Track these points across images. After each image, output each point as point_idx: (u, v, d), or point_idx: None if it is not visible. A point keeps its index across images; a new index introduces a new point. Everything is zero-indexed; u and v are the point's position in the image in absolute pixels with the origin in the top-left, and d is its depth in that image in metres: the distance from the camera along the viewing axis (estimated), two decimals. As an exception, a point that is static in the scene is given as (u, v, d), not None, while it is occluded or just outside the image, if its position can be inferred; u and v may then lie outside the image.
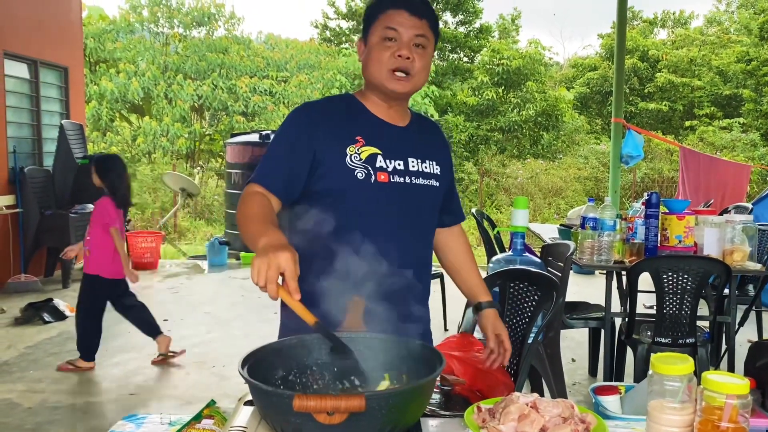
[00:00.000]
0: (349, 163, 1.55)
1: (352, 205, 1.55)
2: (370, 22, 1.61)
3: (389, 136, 1.62)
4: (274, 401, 1.08)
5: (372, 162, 1.57)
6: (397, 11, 1.56)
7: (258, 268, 1.20)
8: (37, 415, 3.48)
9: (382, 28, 1.57)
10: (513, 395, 1.29)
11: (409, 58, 1.56)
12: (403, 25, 1.56)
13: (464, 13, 17.32)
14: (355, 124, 1.60)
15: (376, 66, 1.58)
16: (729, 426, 1.12)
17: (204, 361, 4.39)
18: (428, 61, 1.61)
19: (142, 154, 13.90)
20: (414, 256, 1.67)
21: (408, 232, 1.63)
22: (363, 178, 1.55)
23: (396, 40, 1.56)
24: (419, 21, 1.57)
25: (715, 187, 8.24)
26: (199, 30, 15.62)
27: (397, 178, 1.59)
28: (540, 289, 2.30)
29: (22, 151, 6.71)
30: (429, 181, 1.66)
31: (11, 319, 5.29)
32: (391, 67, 1.57)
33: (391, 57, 1.56)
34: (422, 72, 1.60)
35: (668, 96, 16.58)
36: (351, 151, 1.56)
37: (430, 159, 1.68)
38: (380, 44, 1.58)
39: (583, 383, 4.00)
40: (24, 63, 6.87)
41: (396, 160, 1.60)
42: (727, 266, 3.20)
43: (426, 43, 1.59)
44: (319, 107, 1.64)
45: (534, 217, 12.46)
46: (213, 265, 7.87)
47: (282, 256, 1.20)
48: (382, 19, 1.58)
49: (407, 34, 1.56)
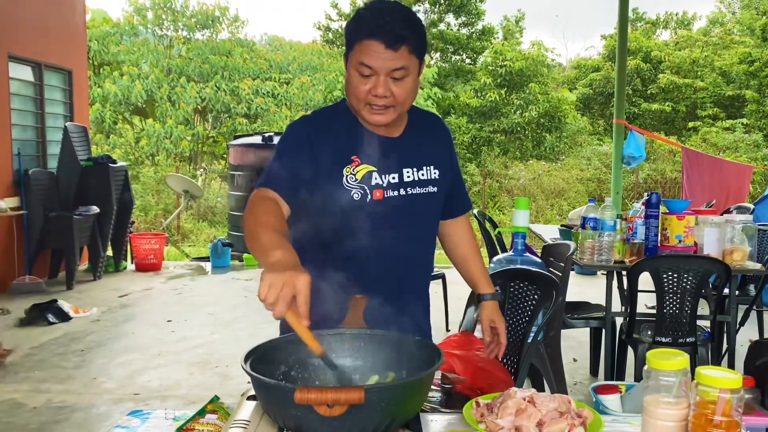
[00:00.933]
0: (345, 184, 1.55)
1: (350, 224, 1.57)
2: (348, 46, 1.54)
3: (384, 151, 1.60)
4: (275, 394, 1.10)
5: (368, 181, 1.57)
6: (373, 42, 1.47)
7: (271, 284, 1.13)
8: (42, 415, 3.51)
9: (357, 63, 1.50)
10: (510, 390, 1.31)
11: (387, 95, 1.51)
12: (379, 60, 1.47)
13: (467, 15, 17.34)
14: (350, 142, 1.59)
15: (353, 98, 1.55)
16: (722, 420, 1.13)
17: (208, 362, 4.42)
18: (411, 85, 1.54)
19: (146, 157, 13.96)
20: (414, 261, 1.70)
21: (407, 240, 1.65)
22: (359, 198, 1.56)
23: (372, 76, 1.50)
24: (395, 53, 1.47)
25: (718, 188, 8.25)
26: (203, 33, 15.68)
27: (392, 192, 1.59)
28: (540, 289, 2.32)
29: (26, 153, 6.75)
30: (426, 189, 1.66)
31: (16, 320, 5.33)
32: (368, 102, 1.53)
33: (368, 94, 1.51)
34: (407, 99, 1.54)
35: (671, 97, 16.58)
36: (347, 172, 1.56)
37: (427, 165, 1.67)
38: (356, 76, 1.51)
39: (584, 382, 4.02)
40: (28, 66, 6.92)
41: (390, 174, 1.60)
42: (726, 266, 3.21)
43: (406, 73, 1.51)
44: (318, 123, 1.61)
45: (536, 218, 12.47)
46: (216, 266, 7.90)
47: (300, 278, 1.14)
48: (358, 50, 1.49)
49: (383, 69, 1.48)
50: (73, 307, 5.60)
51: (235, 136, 10.49)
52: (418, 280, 1.75)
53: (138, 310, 5.91)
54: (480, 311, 1.86)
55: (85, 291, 6.52)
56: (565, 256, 3.23)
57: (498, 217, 12.17)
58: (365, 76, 1.50)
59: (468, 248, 1.88)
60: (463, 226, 1.89)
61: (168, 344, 4.82)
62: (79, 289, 6.58)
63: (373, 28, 1.46)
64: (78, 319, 5.44)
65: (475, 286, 1.88)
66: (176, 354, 4.59)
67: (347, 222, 1.56)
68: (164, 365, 4.35)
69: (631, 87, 16.36)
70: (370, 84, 1.50)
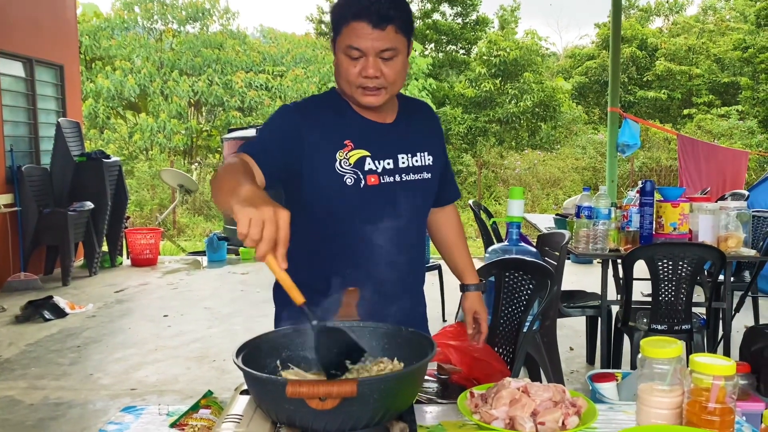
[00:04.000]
0: (338, 168, 1.54)
1: (343, 210, 1.56)
2: (335, 30, 1.53)
3: (377, 136, 1.60)
4: (267, 388, 1.10)
5: (360, 166, 1.56)
6: (359, 24, 1.46)
7: (251, 219, 1.04)
8: (39, 412, 3.51)
9: (346, 46, 1.50)
10: (505, 380, 1.31)
11: (378, 76, 1.50)
12: (367, 40, 1.47)
13: (462, 5, 17.27)
14: (342, 126, 1.58)
15: (344, 82, 1.54)
16: (716, 407, 1.14)
17: (205, 356, 4.42)
18: (401, 65, 1.53)
19: (140, 151, 13.90)
20: (408, 248, 1.68)
21: (402, 228, 1.63)
22: (352, 183, 1.54)
23: (361, 58, 1.49)
24: (382, 32, 1.47)
25: (715, 175, 8.25)
26: (194, 25, 15.59)
27: (388, 178, 1.59)
28: (535, 278, 2.32)
29: (19, 149, 6.71)
30: (420, 175, 1.65)
31: (12, 317, 5.31)
32: (360, 85, 1.52)
33: (358, 76, 1.51)
34: (397, 79, 1.54)
35: (666, 84, 16.57)
36: (340, 156, 1.54)
37: (420, 151, 1.66)
38: (346, 60, 1.51)
39: (581, 371, 4.03)
40: (19, 61, 6.87)
41: (385, 159, 1.59)
42: (721, 253, 3.21)
43: (395, 53, 1.51)
44: (308, 109, 1.60)
45: (532, 208, 12.48)
46: (212, 260, 7.89)
47: (281, 213, 1.06)
48: (345, 33, 1.49)
49: (372, 50, 1.48)
50: (69, 303, 5.59)
51: (229, 129, 10.46)
52: (414, 268, 1.74)
53: (134, 305, 5.90)
54: (463, 301, 1.87)
55: (81, 287, 6.51)
56: (560, 245, 3.23)
57: (494, 207, 12.17)
58: (354, 58, 1.50)
59: (456, 237, 1.88)
60: (452, 214, 1.89)
61: (164, 339, 4.82)
62: (74, 285, 6.56)
63: (359, 9, 1.46)
64: (74, 315, 5.43)
65: (461, 276, 1.88)
66: (173, 349, 4.59)
67: (340, 207, 1.56)
68: (161, 360, 4.35)
69: (627, 75, 16.33)
70: (360, 66, 1.50)
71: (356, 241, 1.57)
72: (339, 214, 1.56)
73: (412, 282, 1.74)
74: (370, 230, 1.56)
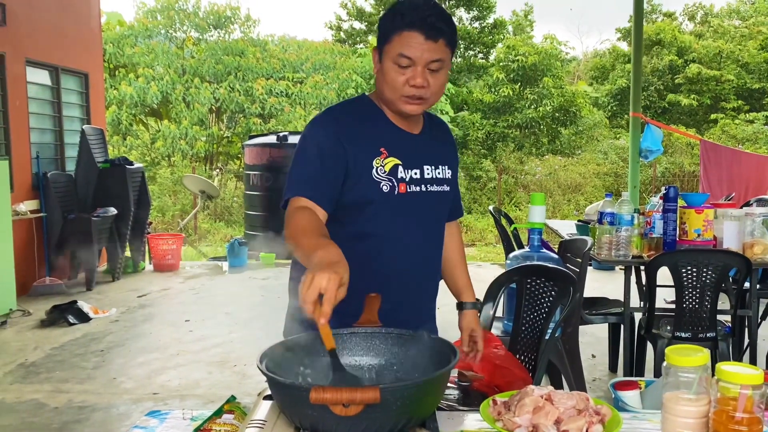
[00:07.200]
0: (375, 175, 1.57)
1: (376, 216, 1.58)
2: (384, 38, 1.55)
3: (408, 146, 1.63)
4: (291, 394, 1.10)
5: (395, 173, 1.59)
6: (412, 33, 1.49)
7: (302, 284, 1.15)
8: (63, 415, 3.55)
9: (396, 54, 1.51)
10: (528, 388, 1.30)
11: (425, 86, 1.53)
12: (418, 50, 1.50)
13: (478, 9, 17.25)
14: (377, 133, 1.61)
15: (389, 89, 1.56)
16: (744, 416, 1.12)
17: (226, 361, 4.45)
18: (444, 79, 1.57)
19: (162, 158, 14.05)
20: (427, 258, 1.71)
21: (422, 237, 1.67)
22: (387, 190, 1.57)
23: (410, 67, 1.52)
24: (434, 44, 1.50)
25: (737, 181, 8.12)
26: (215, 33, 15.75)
27: (414, 187, 1.62)
28: (557, 285, 2.30)
29: (45, 156, 6.83)
30: (442, 187, 1.69)
31: (37, 321, 5.40)
32: (405, 93, 1.54)
33: (405, 84, 1.53)
34: (438, 92, 1.57)
35: (696, 89, 16.30)
36: (377, 163, 1.57)
37: (442, 164, 1.70)
38: (394, 68, 1.53)
39: (603, 379, 3.99)
40: (45, 70, 6.99)
41: (413, 169, 1.62)
42: (747, 259, 3.17)
43: (441, 65, 1.54)
44: (343, 117, 1.61)
45: (553, 213, 12.37)
46: (233, 266, 7.94)
47: (324, 277, 1.14)
48: (396, 41, 1.51)
49: (422, 60, 1.51)
50: (93, 307, 5.67)
51: (249, 136, 10.54)
52: (433, 276, 1.76)
53: (156, 310, 5.96)
54: (461, 319, 1.87)
55: (104, 292, 6.59)
56: (582, 251, 3.21)
57: (514, 213, 12.10)
58: (403, 66, 1.52)
59: (458, 255, 1.91)
60: (455, 231, 1.92)
61: (186, 344, 4.86)
62: (98, 289, 6.65)
63: (414, 20, 1.50)
64: (97, 319, 5.50)
65: (459, 294, 1.89)
66: (194, 353, 4.63)
67: (374, 215, 1.58)
68: (183, 365, 4.39)
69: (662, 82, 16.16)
70: (408, 75, 1.53)
71: (383, 246, 1.60)
72: (372, 218, 1.58)
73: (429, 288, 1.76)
74: (397, 235, 1.60)
